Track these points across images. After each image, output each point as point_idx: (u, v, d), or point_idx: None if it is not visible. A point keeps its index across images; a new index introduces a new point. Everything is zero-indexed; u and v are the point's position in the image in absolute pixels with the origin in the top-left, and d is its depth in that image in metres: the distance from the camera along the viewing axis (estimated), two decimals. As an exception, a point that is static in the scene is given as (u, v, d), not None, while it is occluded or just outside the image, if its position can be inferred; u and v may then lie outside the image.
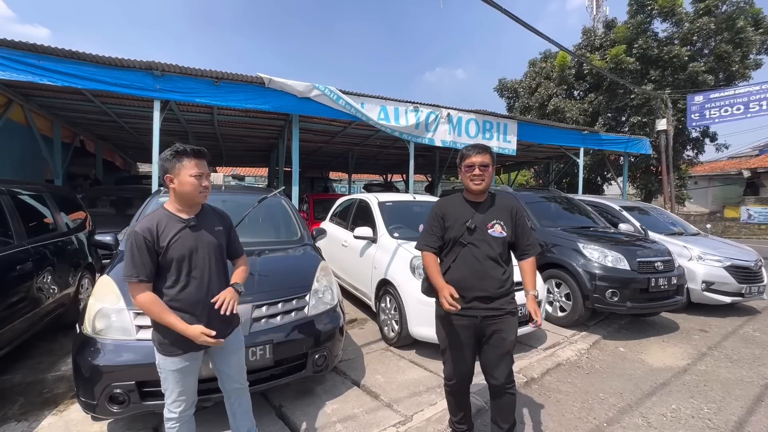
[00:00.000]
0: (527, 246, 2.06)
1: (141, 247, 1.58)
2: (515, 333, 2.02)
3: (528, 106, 17.48)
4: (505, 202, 2.09)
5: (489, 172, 2.01)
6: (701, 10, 13.89)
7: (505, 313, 1.98)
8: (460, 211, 2.06)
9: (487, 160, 2.01)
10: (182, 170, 1.64)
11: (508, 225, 2.02)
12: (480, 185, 2.00)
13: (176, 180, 1.65)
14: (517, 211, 2.07)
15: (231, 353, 1.86)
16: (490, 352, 2.01)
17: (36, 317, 3.12)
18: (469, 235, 1.99)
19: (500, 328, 1.97)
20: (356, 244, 4.41)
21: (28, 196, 3.64)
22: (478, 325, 1.99)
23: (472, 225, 1.99)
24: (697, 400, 2.93)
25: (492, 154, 2.05)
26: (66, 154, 8.40)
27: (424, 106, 7.25)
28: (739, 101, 11.01)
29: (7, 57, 4.41)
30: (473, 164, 2.00)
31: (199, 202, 1.72)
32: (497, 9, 4.84)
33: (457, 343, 2.03)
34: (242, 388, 1.93)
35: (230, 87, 5.56)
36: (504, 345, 1.98)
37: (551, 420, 2.60)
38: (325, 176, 16.88)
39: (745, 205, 18.81)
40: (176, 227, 1.66)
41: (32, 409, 2.54)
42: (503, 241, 2.00)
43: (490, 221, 2.01)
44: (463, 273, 1.98)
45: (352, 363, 3.29)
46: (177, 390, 1.69)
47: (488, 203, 2.07)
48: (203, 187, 1.68)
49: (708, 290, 5.03)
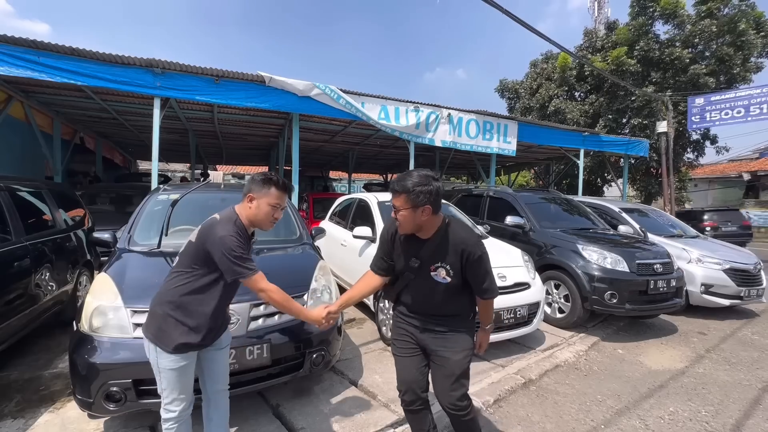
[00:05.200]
0: (483, 290, 1.77)
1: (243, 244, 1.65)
2: (464, 353, 1.78)
3: (529, 107, 17.47)
4: (456, 240, 1.71)
5: (401, 216, 1.68)
6: (703, 13, 13.89)
7: (449, 330, 1.80)
8: (407, 244, 1.80)
9: (399, 203, 1.67)
10: (265, 197, 1.72)
11: (455, 268, 1.71)
12: (401, 228, 1.75)
13: (256, 202, 1.72)
14: (469, 254, 1.68)
15: (220, 349, 1.87)
16: (435, 371, 1.83)
17: (33, 314, 3.11)
18: (412, 274, 1.80)
19: (443, 345, 1.79)
20: (355, 243, 4.40)
21: (26, 192, 3.63)
22: (419, 336, 1.84)
23: (416, 264, 1.76)
24: (695, 402, 2.93)
25: (408, 194, 1.63)
26: (66, 151, 8.39)
27: (424, 106, 7.24)
28: (740, 104, 11.01)
29: (6, 53, 4.40)
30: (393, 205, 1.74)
31: (265, 228, 1.79)
32: (497, 9, 4.83)
33: (399, 348, 1.90)
34: (224, 391, 1.91)
35: (231, 85, 5.56)
36: (448, 365, 1.77)
37: (549, 421, 2.60)
38: (325, 175, 16.87)
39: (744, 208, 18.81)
40: (247, 242, 1.73)
41: (29, 406, 2.53)
42: (447, 286, 1.74)
43: (434, 263, 1.74)
44: (409, 301, 1.88)
45: (350, 362, 3.28)
46: (177, 389, 1.68)
47: (436, 241, 1.73)
48: (275, 218, 1.77)
49: (707, 293, 5.03)
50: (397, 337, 1.93)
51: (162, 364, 1.66)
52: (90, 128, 9.75)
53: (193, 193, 3.36)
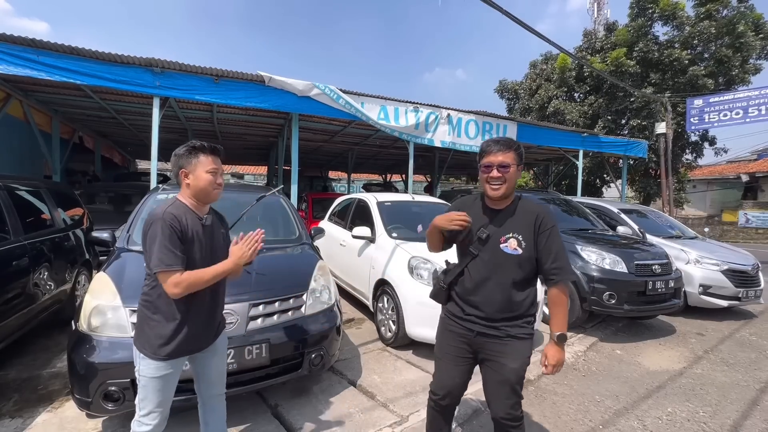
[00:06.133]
0: (552, 269, 1.63)
1: (173, 235, 1.49)
2: (521, 360, 1.67)
3: (528, 108, 17.49)
4: (529, 209, 1.70)
5: (511, 173, 1.63)
6: (702, 14, 13.93)
7: (507, 336, 1.67)
8: (475, 216, 1.74)
9: (509, 159, 1.62)
10: (198, 166, 1.61)
11: (528, 239, 1.65)
12: (497, 190, 1.65)
13: (192, 176, 1.61)
14: (543, 220, 1.66)
15: (216, 355, 1.78)
16: (488, 377, 1.73)
17: (32, 313, 3.11)
18: (480, 246, 1.69)
19: (500, 351, 1.68)
20: (354, 243, 4.41)
21: (25, 191, 3.63)
22: (473, 340, 1.72)
23: (484, 235, 1.67)
24: (693, 403, 2.94)
25: (518, 151, 1.66)
26: (65, 150, 8.38)
27: (424, 107, 7.24)
28: (739, 106, 11.04)
29: (5, 51, 4.38)
30: (491, 164, 1.64)
31: (213, 199, 1.67)
32: (497, 9, 4.84)
33: (446, 352, 1.80)
34: (220, 395, 1.86)
35: (230, 85, 5.55)
36: (503, 372, 1.66)
37: (547, 422, 2.60)
38: (324, 175, 16.89)
39: (743, 209, 18.87)
40: (196, 223, 1.61)
41: (27, 405, 2.53)
42: (518, 259, 1.64)
43: (505, 234, 1.66)
44: (467, 286, 1.73)
45: (348, 363, 3.28)
46: (156, 400, 1.57)
47: (510, 211, 1.70)
48: (218, 183, 1.64)
49: (705, 294, 5.04)
50: (446, 341, 1.81)
51: (143, 370, 1.56)
52: (89, 127, 9.74)
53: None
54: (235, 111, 7.42)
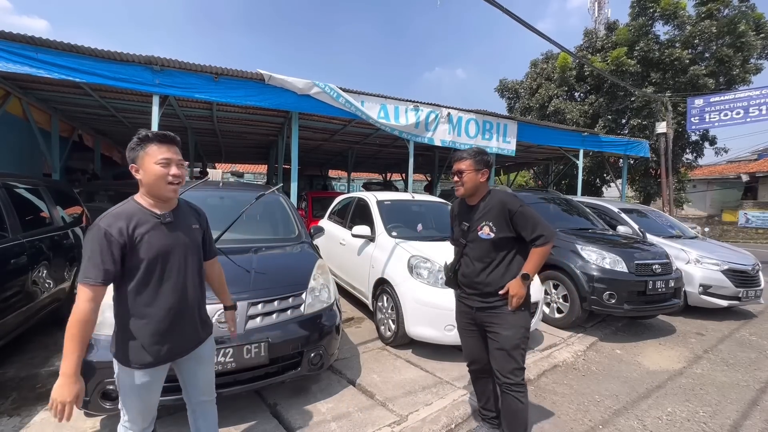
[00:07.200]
0: (535, 237, 1.99)
1: (103, 245, 1.34)
2: (513, 329, 2.01)
3: (528, 107, 17.48)
4: (497, 200, 2.08)
5: (465, 177, 2.07)
6: (703, 14, 13.91)
7: (498, 309, 2.04)
8: (460, 212, 2.23)
9: (464, 166, 2.07)
10: (146, 157, 1.43)
11: (499, 224, 2.02)
12: (458, 191, 2.13)
13: (141, 170, 1.45)
14: (509, 207, 2.02)
15: (202, 363, 1.68)
16: (490, 346, 2.09)
17: (30, 312, 3.10)
18: (465, 236, 2.14)
19: (494, 322, 2.05)
20: (354, 242, 4.40)
21: (24, 189, 3.61)
22: (475, 315, 2.13)
23: (465, 227, 2.14)
24: (693, 403, 2.93)
25: (473, 159, 2.07)
26: (64, 149, 8.35)
27: (424, 106, 7.23)
28: (739, 105, 11.02)
29: (4, 49, 4.36)
30: (454, 171, 2.12)
31: (165, 194, 1.47)
32: (497, 8, 4.82)
33: (461, 327, 2.26)
34: (209, 401, 1.78)
35: (230, 83, 5.53)
36: (498, 339, 2.03)
37: (546, 422, 2.60)
38: (324, 174, 16.85)
39: (743, 209, 18.87)
40: (149, 223, 1.45)
41: (25, 404, 2.52)
42: (491, 241, 2.04)
43: (479, 224, 2.08)
44: (464, 270, 2.16)
45: (348, 362, 3.27)
46: (136, 407, 1.50)
47: (481, 205, 2.11)
48: (172, 175, 1.45)
49: (705, 293, 5.03)
50: (460, 318, 2.26)
51: (121, 377, 1.48)
52: (88, 125, 9.71)
53: (191, 191, 3.34)
54: (235, 109, 7.39)
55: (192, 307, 1.59)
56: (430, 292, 3.27)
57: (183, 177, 1.51)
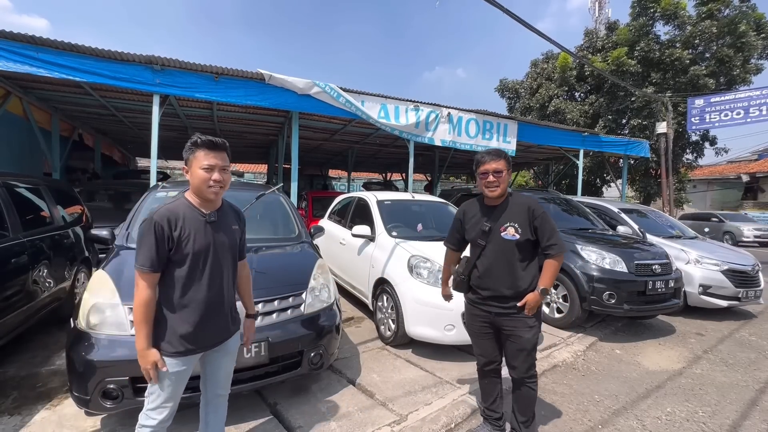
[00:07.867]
0: (548, 246, 2.04)
1: (155, 236, 1.49)
2: (532, 332, 2.08)
3: (529, 107, 17.48)
4: (521, 202, 2.11)
5: (503, 177, 2.07)
6: (704, 14, 13.90)
7: (518, 312, 2.06)
8: (476, 214, 2.20)
9: (501, 166, 2.06)
10: (194, 161, 1.57)
11: (524, 226, 2.05)
12: (495, 191, 2.09)
13: (189, 171, 1.59)
14: (534, 210, 2.07)
15: (228, 355, 1.78)
16: (509, 347, 2.15)
17: (31, 311, 3.11)
18: (485, 237, 2.12)
19: (515, 326, 2.09)
20: (354, 242, 4.40)
21: (24, 188, 3.62)
22: (493, 320, 2.15)
23: (486, 228, 2.11)
24: (692, 403, 2.94)
25: (507, 159, 2.10)
26: (64, 148, 8.37)
27: (424, 105, 7.23)
28: (740, 106, 11.02)
29: (4, 48, 4.37)
30: (487, 171, 2.07)
31: (207, 196, 1.60)
32: (498, 8, 4.82)
33: (474, 331, 2.28)
34: (224, 396, 1.86)
35: (230, 83, 5.54)
36: (519, 342, 2.08)
37: (546, 421, 2.60)
38: (324, 174, 16.86)
39: (743, 209, 18.87)
40: (195, 221, 1.59)
41: (26, 403, 2.52)
42: (516, 243, 2.05)
43: (503, 224, 2.08)
44: (480, 272, 2.14)
45: (347, 361, 3.28)
46: (165, 395, 1.58)
47: (504, 206, 2.12)
48: (214, 180, 1.57)
49: (705, 294, 5.03)
50: (473, 322, 2.27)
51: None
52: (89, 125, 9.72)
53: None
54: (235, 109, 7.40)
55: (226, 302, 1.71)
56: (430, 291, 3.27)
57: (225, 182, 1.63)
